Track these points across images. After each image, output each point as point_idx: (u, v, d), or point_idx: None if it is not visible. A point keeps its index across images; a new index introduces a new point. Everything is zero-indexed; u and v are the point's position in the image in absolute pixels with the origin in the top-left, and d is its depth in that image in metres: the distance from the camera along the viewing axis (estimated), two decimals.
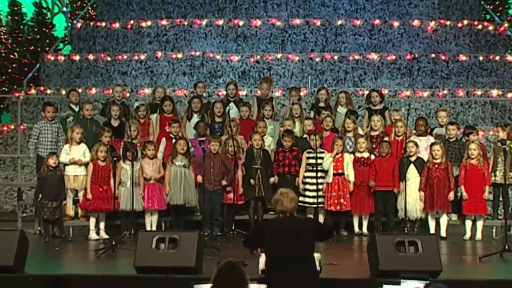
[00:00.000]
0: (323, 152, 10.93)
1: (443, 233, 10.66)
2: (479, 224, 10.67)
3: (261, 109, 12.03)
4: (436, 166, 10.66)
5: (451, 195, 10.63)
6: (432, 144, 10.85)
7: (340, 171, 10.90)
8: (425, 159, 10.86)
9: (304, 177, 11.02)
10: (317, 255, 7.54)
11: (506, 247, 9.11)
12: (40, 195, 10.62)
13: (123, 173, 10.74)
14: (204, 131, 11.37)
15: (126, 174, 10.73)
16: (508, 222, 10.12)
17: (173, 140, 11.22)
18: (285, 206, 6.61)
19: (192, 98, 12.20)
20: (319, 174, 10.79)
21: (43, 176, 10.64)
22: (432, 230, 10.59)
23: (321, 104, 12.27)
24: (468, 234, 10.64)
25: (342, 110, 12.23)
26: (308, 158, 11.00)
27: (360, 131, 11.71)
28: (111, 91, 13.44)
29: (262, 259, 6.96)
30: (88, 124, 11.64)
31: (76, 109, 12.12)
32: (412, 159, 10.77)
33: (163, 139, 11.48)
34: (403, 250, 7.70)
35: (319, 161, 10.82)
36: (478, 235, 10.60)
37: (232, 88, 12.51)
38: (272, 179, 11.01)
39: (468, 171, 10.67)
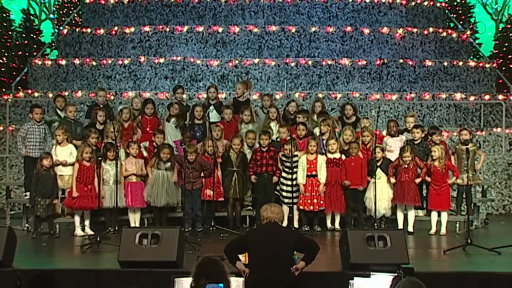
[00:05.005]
0: (297, 161, 10.88)
1: (410, 228, 10.73)
2: (444, 218, 10.75)
3: (239, 113, 11.99)
4: (406, 168, 10.73)
5: (417, 180, 10.73)
6: (401, 149, 10.87)
7: (314, 173, 10.90)
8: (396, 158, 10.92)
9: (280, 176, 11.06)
10: None
11: (469, 241, 9.21)
12: (34, 193, 10.47)
13: (105, 172, 10.66)
14: (188, 140, 11.17)
15: (108, 173, 10.67)
16: (471, 218, 10.23)
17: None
18: (272, 214, 6.99)
19: (171, 103, 12.15)
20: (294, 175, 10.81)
21: (38, 175, 10.52)
22: (400, 225, 10.66)
23: (290, 115, 11.99)
24: (433, 229, 10.73)
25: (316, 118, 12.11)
26: (283, 161, 11.01)
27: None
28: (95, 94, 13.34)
29: (242, 256, 7.14)
30: (72, 126, 11.54)
31: (62, 114, 11.94)
32: (379, 162, 10.77)
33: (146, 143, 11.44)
34: (373, 244, 7.75)
35: (294, 164, 10.76)
36: (443, 230, 10.69)
37: (213, 91, 12.48)
38: (253, 177, 11.02)
39: (432, 172, 10.77)
